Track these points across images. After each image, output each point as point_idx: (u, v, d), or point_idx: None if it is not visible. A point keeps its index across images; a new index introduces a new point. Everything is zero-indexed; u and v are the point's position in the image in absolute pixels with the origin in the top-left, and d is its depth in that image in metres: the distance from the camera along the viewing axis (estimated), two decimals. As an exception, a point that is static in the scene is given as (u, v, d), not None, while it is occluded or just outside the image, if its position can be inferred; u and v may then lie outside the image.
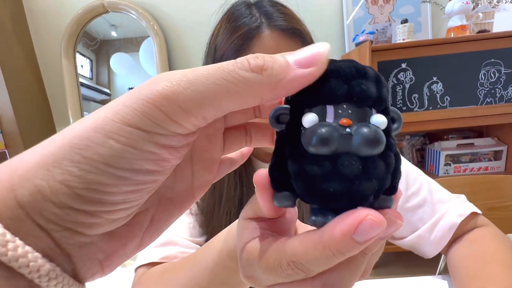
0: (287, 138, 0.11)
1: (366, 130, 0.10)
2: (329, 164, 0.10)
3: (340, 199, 0.10)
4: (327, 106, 0.10)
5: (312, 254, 0.10)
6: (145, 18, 1.29)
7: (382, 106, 0.11)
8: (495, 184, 0.67)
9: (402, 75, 1.04)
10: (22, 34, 1.36)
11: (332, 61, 0.11)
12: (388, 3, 1.28)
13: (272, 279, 0.12)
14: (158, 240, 0.38)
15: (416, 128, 1.06)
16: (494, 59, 1.02)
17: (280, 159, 0.11)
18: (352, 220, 0.09)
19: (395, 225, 0.11)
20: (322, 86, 0.10)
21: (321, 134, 0.10)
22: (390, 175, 0.11)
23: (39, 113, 1.44)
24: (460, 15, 1.06)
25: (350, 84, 0.10)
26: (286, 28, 0.37)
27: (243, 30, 0.36)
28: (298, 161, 0.11)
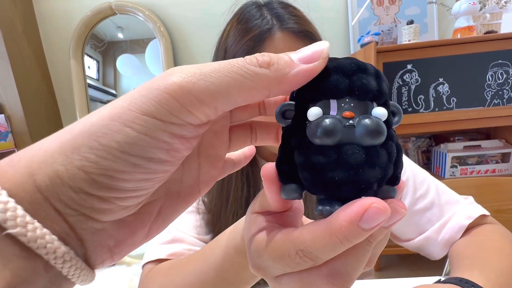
0: (293, 132, 0.12)
1: (368, 121, 0.10)
2: (334, 154, 0.10)
3: (346, 187, 0.11)
4: (330, 100, 0.11)
5: (320, 242, 0.11)
6: (151, 20, 1.30)
7: (382, 99, 0.12)
8: (501, 186, 0.67)
9: (407, 76, 1.03)
10: (32, 35, 1.39)
11: (333, 58, 0.12)
12: (394, 4, 1.27)
13: (280, 268, 0.12)
14: (165, 237, 0.39)
15: (421, 130, 1.05)
16: (502, 60, 1.00)
17: (286, 152, 0.12)
18: (358, 207, 0.10)
19: (399, 214, 0.11)
20: (325, 81, 0.11)
21: (325, 125, 0.10)
22: (392, 165, 0.11)
23: (47, 113, 1.46)
24: (467, 16, 1.05)
25: (352, 79, 0.11)
26: (298, 31, 0.37)
27: (255, 32, 0.36)
28: (304, 153, 0.11)
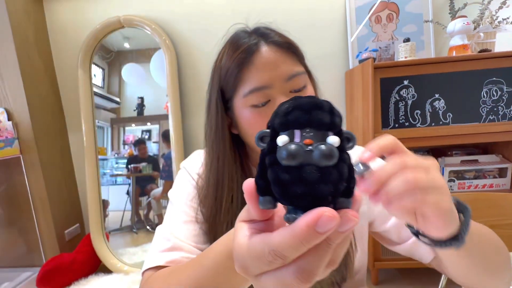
0: (267, 154, 0.15)
1: (323, 147, 0.13)
2: (296, 172, 0.13)
3: (305, 199, 0.13)
4: (295, 130, 0.14)
5: (287, 243, 0.13)
6: (158, 34, 1.36)
7: (335, 130, 0.15)
8: (496, 201, 0.68)
9: (404, 91, 1.06)
10: (42, 46, 1.45)
11: (298, 97, 0.15)
12: (391, 22, 1.32)
13: (258, 267, 0.15)
14: (164, 245, 0.41)
15: (418, 144, 1.07)
16: (496, 78, 1.03)
17: (262, 170, 0.15)
18: (314, 215, 0.13)
19: (351, 221, 0.14)
20: (290, 116, 0.14)
21: (290, 150, 0.13)
22: (344, 182, 0.14)
23: (53, 121, 1.50)
24: (462, 35, 1.09)
25: (311, 114, 0.14)
26: (281, 42, 0.41)
27: (244, 46, 0.40)
28: (275, 171, 0.14)
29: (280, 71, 0.39)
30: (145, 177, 1.57)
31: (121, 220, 1.59)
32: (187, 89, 1.47)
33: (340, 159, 0.14)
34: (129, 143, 1.62)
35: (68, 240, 1.52)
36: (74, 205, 1.61)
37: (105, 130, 1.60)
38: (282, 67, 0.39)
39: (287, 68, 0.40)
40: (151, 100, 1.57)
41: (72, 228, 1.56)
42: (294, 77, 0.40)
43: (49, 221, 1.43)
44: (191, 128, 1.50)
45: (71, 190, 1.59)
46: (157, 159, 1.59)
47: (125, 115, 1.61)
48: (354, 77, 1.22)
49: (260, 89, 0.39)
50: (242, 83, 0.40)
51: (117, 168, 1.62)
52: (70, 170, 1.60)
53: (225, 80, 0.42)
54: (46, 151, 1.43)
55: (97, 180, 1.46)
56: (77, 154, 1.59)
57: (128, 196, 1.60)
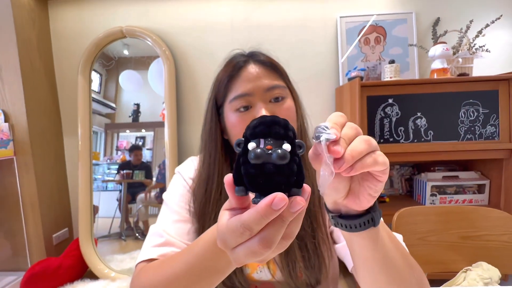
0: (241, 155, 0.20)
1: (279, 151, 0.19)
2: (260, 168, 0.19)
3: (266, 187, 0.19)
4: (260, 139, 0.20)
5: (252, 217, 0.19)
6: (158, 45, 1.41)
7: (289, 140, 0.20)
8: (468, 214, 0.73)
9: (389, 109, 1.13)
10: (45, 51, 1.49)
11: (264, 116, 0.21)
12: (379, 44, 1.41)
13: (234, 240, 0.20)
14: (157, 241, 0.45)
15: (401, 159, 1.13)
16: (473, 100, 1.11)
17: (238, 166, 0.21)
18: (270, 197, 0.18)
19: (298, 204, 0.19)
20: (257, 129, 0.20)
21: (256, 153, 0.19)
22: (294, 176, 0.20)
23: (50, 124, 1.52)
24: (442, 59, 1.18)
25: (271, 128, 0.20)
26: (265, 61, 0.49)
27: (234, 62, 0.49)
28: (245, 167, 0.20)
29: (261, 83, 0.47)
30: (136, 183, 1.58)
31: (110, 226, 1.58)
32: (183, 98, 1.52)
33: (291, 160, 0.19)
34: (122, 149, 1.63)
35: (55, 244, 1.50)
36: (64, 209, 1.60)
37: (99, 135, 1.62)
38: (263, 80, 0.47)
39: (267, 81, 0.47)
40: (147, 107, 1.60)
41: (61, 232, 1.55)
42: (273, 89, 0.47)
43: (38, 224, 1.42)
44: (186, 136, 1.54)
45: (62, 193, 1.59)
46: (150, 166, 1.60)
47: (120, 121, 1.63)
48: (344, 94, 1.29)
49: (243, 95, 0.47)
50: (230, 92, 0.48)
51: (108, 174, 1.62)
52: (63, 174, 1.60)
53: (218, 89, 0.50)
54: (41, 153, 1.44)
55: (89, 185, 1.47)
56: (71, 158, 1.60)
57: (118, 202, 1.60)
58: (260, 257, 0.20)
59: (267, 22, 1.45)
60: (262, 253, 0.19)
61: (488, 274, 0.59)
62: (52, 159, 1.52)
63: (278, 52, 0.54)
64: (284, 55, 0.59)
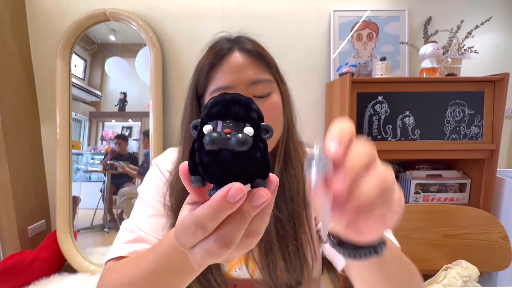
0: (197, 140, 0.17)
1: (239, 135, 0.16)
2: (215, 156, 0.16)
3: (223, 178, 0.16)
4: (218, 121, 0.17)
5: (205, 213, 0.16)
6: (144, 30, 1.34)
7: (251, 122, 0.17)
8: (451, 213, 0.74)
9: (378, 106, 1.13)
10: (19, 30, 1.38)
11: (224, 94, 0.18)
12: (371, 40, 1.40)
13: (188, 239, 0.17)
14: (128, 237, 0.41)
15: (388, 156, 1.14)
16: (460, 100, 1.13)
17: (192, 153, 0.17)
18: (225, 188, 0.15)
19: (262, 197, 0.16)
20: (214, 109, 0.17)
21: (211, 137, 0.16)
22: (258, 164, 0.17)
23: (25, 109, 1.43)
24: (431, 59, 1.18)
25: (230, 109, 0.17)
26: (251, 50, 0.44)
27: (217, 48, 0.44)
28: (200, 154, 0.17)
29: (245, 75, 0.42)
30: (121, 175, 1.53)
31: (92, 218, 1.53)
32: (170, 88, 1.46)
33: (254, 146, 0.16)
34: (108, 139, 1.57)
35: (31, 237, 1.43)
36: (41, 200, 1.52)
37: (83, 123, 1.54)
38: (247, 72, 0.42)
39: (252, 73, 0.42)
40: (134, 97, 1.54)
41: (37, 224, 1.48)
42: (258, 83, 0.42)
43: (11, 215, 1.34)
44: (172, 128, 1.49)
45: (39, 184, 1.51)
46: (136, 157, 1.55)
47: (106, 109, 1.56)
48: (334, 89, 1.27)
49: (224, 89, 0.42)
50: (210, 82, 0.44)
51: (92, 164, 1.56)
52: (40, 163, 1.52)
53: (198, 78, 0.45)
54: (15, 141, 1.35)
55: (68, 175, 1.40)
56: (48, 147, 1.52)
57: (102, 193, 1.55)
58: (220, 258, 0.17)
59: (260, 11, 1.40)
60: (220, 253, 0.17)
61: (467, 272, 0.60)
62: (28, 147, 1.44)
63: (269, 42, 0.49)
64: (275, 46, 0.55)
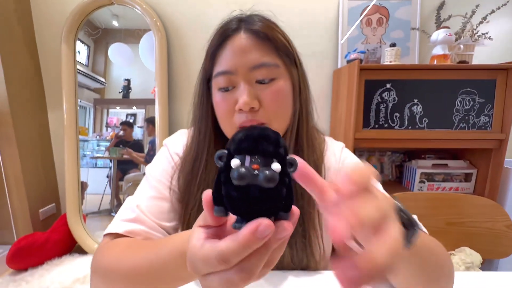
0: (223, 172, 0.18)
1: (267, 172, 0.16)
2: (243, 191, 0.16)
3: (250, 213, 0.17)
4: (246, 156, 0.17)
5: (231, 248, 0.16)
6: (148, 14, 1.32)
7: (279, 158, 0.18)
8: (455, 201, 0.74)
9: (386, 94, 1.11)
10: (23, 15, 1.37)
11: (252, 128, 0.18)
12: (381, 26, 1.36)
13: (206, 269, 0.18)
14: (128, 215, 0.42)
15: (395, 145, 1.13)
16: (470, 88, 1.10)
17: (218, 184, 0.18)
18: (254, 224, 0.16)
19: (285, 231, 0.17)
20: (243, 144, 0.18)
21: (239, 172, 0.16)
22: (283, 200, 0.17)
23: (32, 95, 1.44)
24: (443, 45, 1.14)
25: (258, 145, 0.17)
26: (257, 31, 0.40)
27: (224, 28, 0.42)
28: (227, 187, 0.17)
29: (247, 59, 0.39)
30: (126, 161, 1.55)
31: (99, 203, 1.56)
32: (176, 74, 1.45)
33: (281, 181, 0.17)
34: (113, 126, 1.58)
35: (42, 219, 1.48)
36: (51, 184, 1.56)
37: (88, 110, 1.55)
38: (250, 55, 0.39)
39: (255, 57, 0.39)
40: (138, 83, 1.53)
41: (47, 207, 1.52)
42: (260, 67, 0.39)
43: (23, 199, 1.38)
44: (177, 115, 1.49)
45: (48, 168, 1.54)
46: (142, 144, 1.57)
47: (110, 96, 1.56)
48: (341, 77, 1.25)
49: (225, 73, 0.40)
50: (215, 65, 0.42)
51: (98, 151, 1.58)
52: (48, 148, 1.54)
53: (206, 60, 0.44)
54: (23, 126, 1.37)
55: (76, 161, 1.42)
56: (56, 133, 1.54)
57: (108, 179, 1.58)
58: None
59: (266, -5, 1.36)
60: (240, 285, 0.17)
61: (470, 258, 0.61)
62: (36, 132, 1.46)
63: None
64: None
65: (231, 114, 0.41)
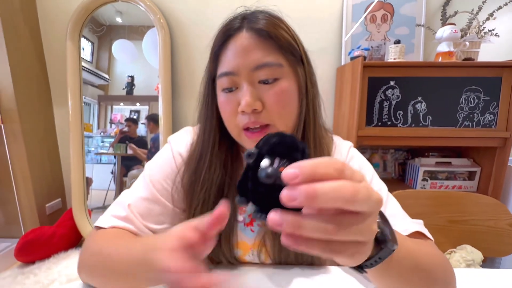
0: (251, 169, 0.20)
1: None
2: (269, 189, 0.18)
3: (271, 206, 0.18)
4: (275, 158, 0.20)
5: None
6: (152, 11, 1.32)
7: None
8: (458, 199, 0.74)
9: (390, 91, 1.11)
10: (29, 13, 1.38)
11: (282, 135, 0.20)
12: (385, 22, 1.35)
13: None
14: (119, 213, 0.43)
15: (398, 143, 1.13)
16: (475, 86, 1.09)
17: (245, 179, 0.20)
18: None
19: None
20: (277, 148, 0.20)
21: (267, 172, 0.18)
22: None
23: (38, 92, 1.46)
24: (448, 42, 1.13)
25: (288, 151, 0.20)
26: (259, 29, 0.39)
27: (228, 27, 0.41)
28: (254, 183, 0.20)
29: (249, 59, 0.38)
30: (130, 157, 1.57)
31: (104, 199, 1.59)
32: (179, 71, 1.46)
33: None
34: (117, 122, 1.59)
35: (48, 214, 1.51)
36: (57, 179, 1.59)
37: (92, 107, 1.57)
38: (252, 55, 0.38)
39: (257, 57, 0.38)
40: (142, 80, 1.54)
41: (53, 202, 1.55)
42: (263, 67, 0.38)
43: (30, 194, 1.41)
44: (181, 111, 1.50)
45: (54, 164, 1.57)
46: (146, 140, 1.58)
47: (114, 93, 1.57)
48: (345, 74, 1.25)
49: (228, 74, 0.40)
50: (218, 66, 0.41)
51: (102, 147, 1.60)
52: (54, 145, 1.57)
53: (209, 61, 0.44)
54: (29, 122, 1.39)
55: (81, 157, 1.44)
56: (62, 129, 1.56)
57: (113, 175, 1.60)
58: None
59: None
60: None
61: (471, 256, 0.61)
62: (42, 128, 1.48)
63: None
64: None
65: (235, 115, 0.41)
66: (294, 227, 0.17)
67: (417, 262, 0.32)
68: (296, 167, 0.16)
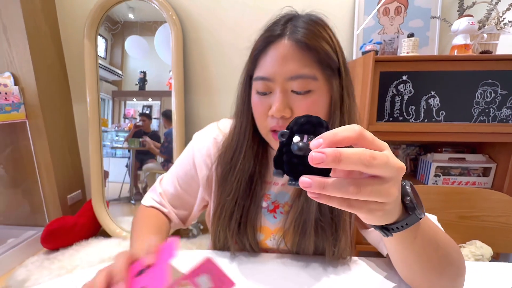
0: (285, 145, 0.24)
1: None
2: (301, 159, 0.23)
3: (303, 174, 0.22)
4: (304, 135, 0.24)
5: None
6: (165, 8, 1.35)
7: None
8: (468, 195, 0.74)
9: (402, 86, 1.09)
10: (49, 14, 1.44)
11: (309, 116, 0.24)
12: (399, 15, 1.32)
13: None
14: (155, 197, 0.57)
15: (410, 138, 1.12)
16: (492, 80, 1.06)
17: (279, 155, 0.24)
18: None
19: None
20: (304, 127, 0.24)
21: (299, 145, 0.22)
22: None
23: (59, 88, 1.53)
24: (465, 35, 1.10)
25: (315, 128, 0.24)
26: (300, 40, 0.40)
27: (270, 32, 0.42)
28: (288, 156, 0.24)
29: (285, 68, 0.40)
30: (144, 151, 1.62)
31: (119, 191, 1.66)
32: (191, 67, 1.49)
33: None
34: (130, 117, 1.65)
35: (70, 205, 1.60)
36: (77, 172, 1.68)
37: (106, 102, 1.62)
38: (289, 65, 0.40)
39: (293, 67, 0.40)
40: (154, 75, 1.58)
41: (74, 193, 1.64)
42: (297, 79, 0.40)
43: (53, 185, 1.50)
44: (193, 107, 1.53)
45: (74, 157, 1.65)
46: (159, 135, 1.63)
47: (127, 88, 1.62)
48: (356, 69, 1.24)
49: (264, 79, 0.42)
50: (256, 68, 0.44)
51: (117, 141, 1.66)
52: (74, 139, 1.65)
53: (249, 61, 0.46)
54: (51, 118, 1.47)
55: (99, 150, 1.51)
56: (80, 124, 1.63)
57: (127, 169, 1.66)
58: None
59: (280, -14, 1.35)
60: None
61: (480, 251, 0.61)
62: (63, 124, 1.56)
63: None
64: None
65: (265, 117, 0.44)
66: (320, 187, 0.21)
67: (438, 241, 0.34)
68: (320, 137, 0.21)
